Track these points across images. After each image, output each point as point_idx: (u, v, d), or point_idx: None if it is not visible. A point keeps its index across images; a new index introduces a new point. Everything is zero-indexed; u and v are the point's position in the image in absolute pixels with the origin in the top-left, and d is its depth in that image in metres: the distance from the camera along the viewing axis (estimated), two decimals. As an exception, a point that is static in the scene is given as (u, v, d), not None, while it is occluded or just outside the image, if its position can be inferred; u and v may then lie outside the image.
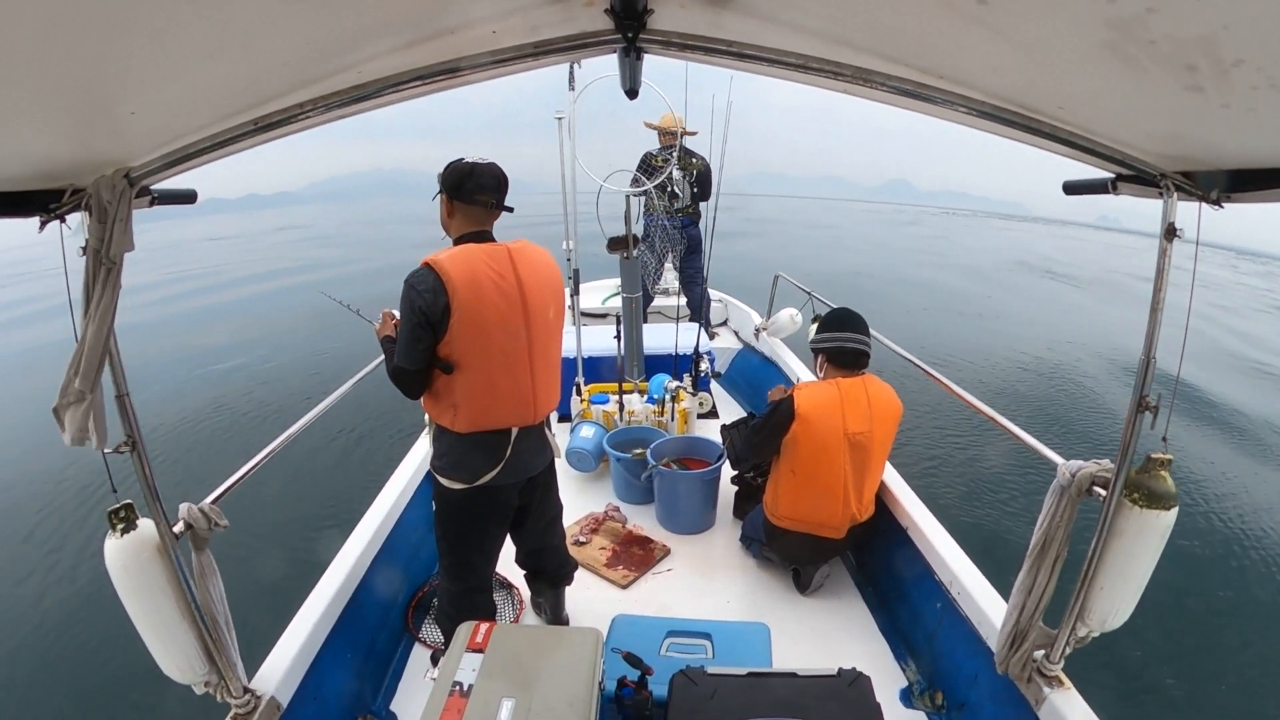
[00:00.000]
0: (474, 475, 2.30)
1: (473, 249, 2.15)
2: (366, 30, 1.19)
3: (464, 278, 2.06)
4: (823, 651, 2.81)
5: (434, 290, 2.04)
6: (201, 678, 1.85)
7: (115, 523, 1.64)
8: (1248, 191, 1.30)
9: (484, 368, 2.17)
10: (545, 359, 2.34)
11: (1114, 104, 1.20)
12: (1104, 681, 3.43)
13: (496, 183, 2.20)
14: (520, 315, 2.19)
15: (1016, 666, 2.08)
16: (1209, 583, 4.66)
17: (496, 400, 2.25)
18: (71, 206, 1.34)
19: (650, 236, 6.06)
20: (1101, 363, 10.32)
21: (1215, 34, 0.80)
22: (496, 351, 2.17)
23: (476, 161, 2.18)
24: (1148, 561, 1.80)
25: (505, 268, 2.16)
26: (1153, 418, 1.65)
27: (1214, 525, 5.45)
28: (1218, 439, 7.43)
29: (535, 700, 1.80)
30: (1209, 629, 4.21)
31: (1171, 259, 1.55)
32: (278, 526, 5.05)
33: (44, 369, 10.14)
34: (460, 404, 2.20)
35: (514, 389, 2.26)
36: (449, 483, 2.32)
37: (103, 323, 1.35)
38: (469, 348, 2.13)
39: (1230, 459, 6.88)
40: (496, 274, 2.13)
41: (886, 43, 1.27)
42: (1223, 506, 5.79)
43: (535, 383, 2.31)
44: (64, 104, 1.02)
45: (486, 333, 2.13)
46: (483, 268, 2.11)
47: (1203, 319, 14.14)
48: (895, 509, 3.16)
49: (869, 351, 3.04)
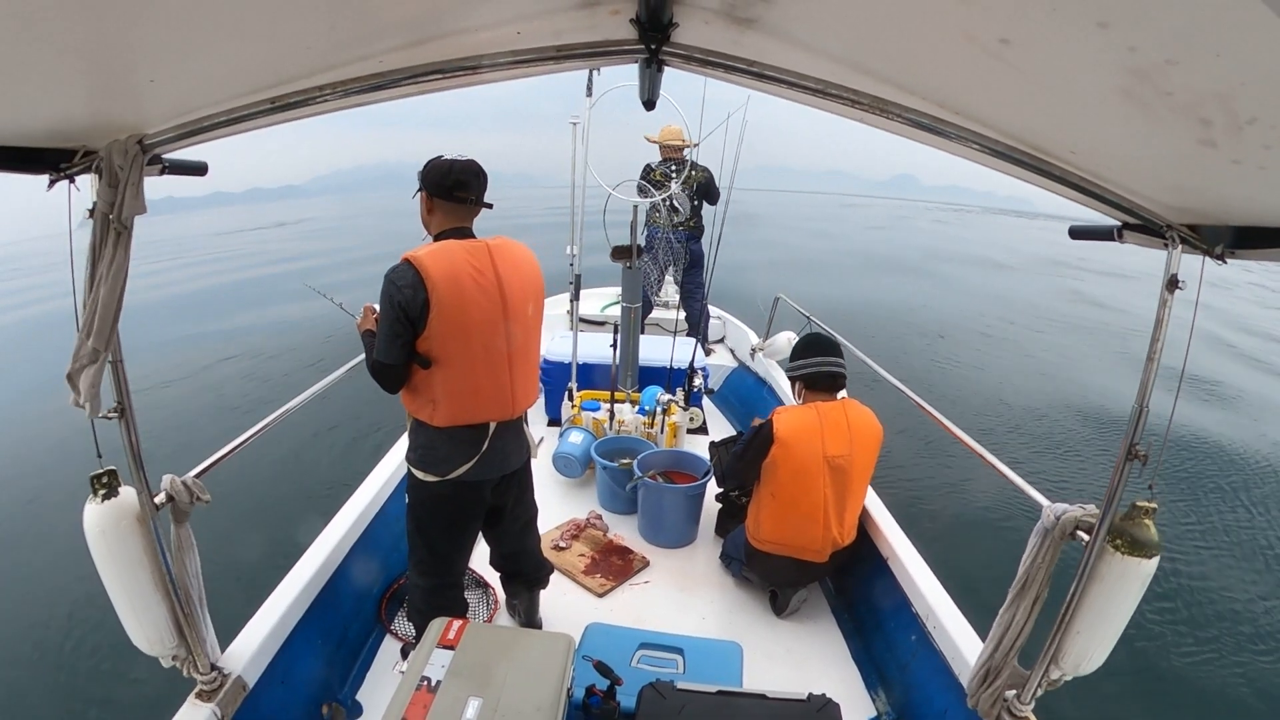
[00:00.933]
0: (450, 468, 2.29)
1: (453, 245, 2.16)
2: (392, 22, 1.19)
3: (444, 274, 2.07)
4: (794, 675, 2.81)
5: (413, 286, 2.05)
6: (170, 651, 1.85)
7: (97, 488, 1.63)
8: (1253, 249, 1.31)
9: (463, 363, 2.18)
10: (524, 355, 2.35)
11: (1126, 152, 1.21)
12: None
13: (476, 180, 2.21)
14: (500, 311, 2.20)
15: (987, 703, 2.07)
16: (1186, 633, 4.66)
17: (476, 395, 2.26)
18: (82, 168, 1.34)
19: (654, 248, 6.07)
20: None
21: (1232, 90, 0.80)
22: (476, 347, 2.19)
23: (455, 159, 2.19)
24: (1126, 608, 1.80)
25: (485, 264, 2.17)
26: (1142, 466, 1.65)
27: (1194, 575, 5.46)
28: (1204, 485, 7.43)
29: (502, 701, 1.80)
30: (1183, 680, 4.20)
31: (1171, 310, 1.56)
32: (259, 507, 5.04)
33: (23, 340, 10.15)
34: (440, 399, 2.21)
35: (493, 384, 2.28)
36: (424, 475, 2.31)
37: (115, 282, 1.36)
38: (449, 343, 2.13)
39: (1214, 507, 6.89)
40: (476, 270, 2.14)
41: (906, 74, 1.28)
42: (1204, 555, 5.80)
43: (514, 378, 2.32)
44: (85, 65, 1.03)
45: (466, 328, 2.14)
46: (463, 264, 2.12)
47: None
48: (876, 537, 3.16)
49: (844, 373, 3.09)
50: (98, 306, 1.35)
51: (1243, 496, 6.95)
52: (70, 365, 1.37)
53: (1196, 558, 5.69)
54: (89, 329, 1.35)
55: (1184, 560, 5.57)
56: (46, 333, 10.84)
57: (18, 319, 12.60)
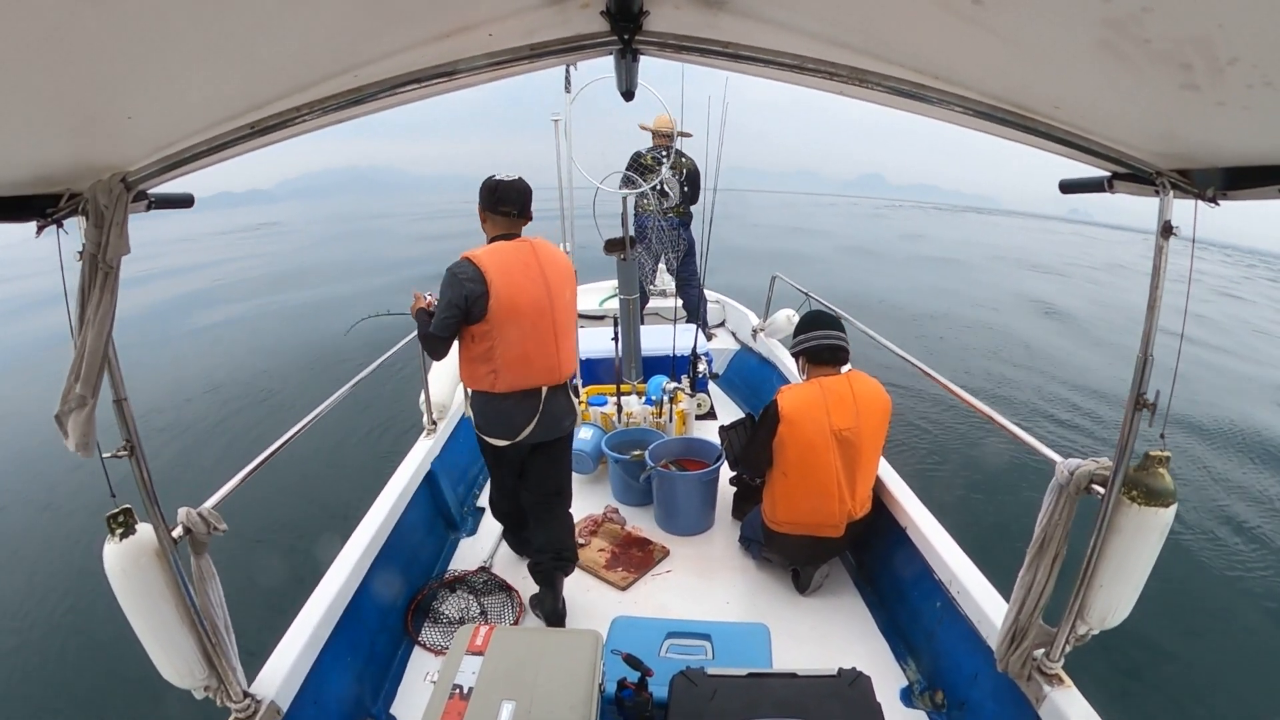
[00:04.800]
0: (515, 432, 2.79)
1: (503, 245, 2.68)
2: (363, 34, 1.18)
3: (498, 267, 2.59)
4: (822, 651, 2.82)
5: (473, 279, 2.55)
6: (201, 682, 1.85)
7: (114, 528, 1.64)
8: (1243, 189, 1.30)
9: (518, 336, 2.66)
10: (566, 330, 2.86)
11: (1109, 103, 1.20)
12: (1104, 679, 3.43)
13: (519, 195, 2.71)
14: (545, 294, 2.71)
15: (1016, 665, 2.08)
16: (1208, 579, 4.67)
17: (529, 364, 2.73)
18: (69, 211, 1.33)
19: (647, 237, 6.05)
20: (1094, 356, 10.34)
21: (1210, 33, 0.80)
22: (527, 324, 2.67)
23: (503, 179, 2.69)
24: (1147, 559, 1.80)
25: (530, 258, 2.70)
26: (1150, 415, 1.65)
27: (1213, 521, 5.46)
28: (1216, 433, 7.43)
29: (535, 702, 1.81)
30: (1209, 625, 4.21)
31: (1168, 256, 1.55)
32: (277, 530, 5.05)
33: (43, 368, 10.15)
34: (500, 368, 2.68)
35: (542, 355, 2.76)
36: (496, 441, 2.82)
37: (101, 327, 1.35)
38: (505, 321, 2.61)
39: (1229, 453, 6.89)
40: (524, 264, 2.66)
41: (882, 43, 1.27)
42: (1221, 502, 5.80)
43: (559, 349, 2.82)
44: (61, 109, 1.02)
45: (519, 308, 2.63)
46: (513, 259, 2.65)
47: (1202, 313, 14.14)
48: (894, 508, 3.17)
49: (847, 346, 3.09)
50: (85, 353, 1.35)
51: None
52: (59, 406, 1.36)
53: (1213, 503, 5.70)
54: (77, 373, 1.35)
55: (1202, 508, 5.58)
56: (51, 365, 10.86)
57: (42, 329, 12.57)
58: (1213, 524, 5.44)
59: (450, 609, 3.10)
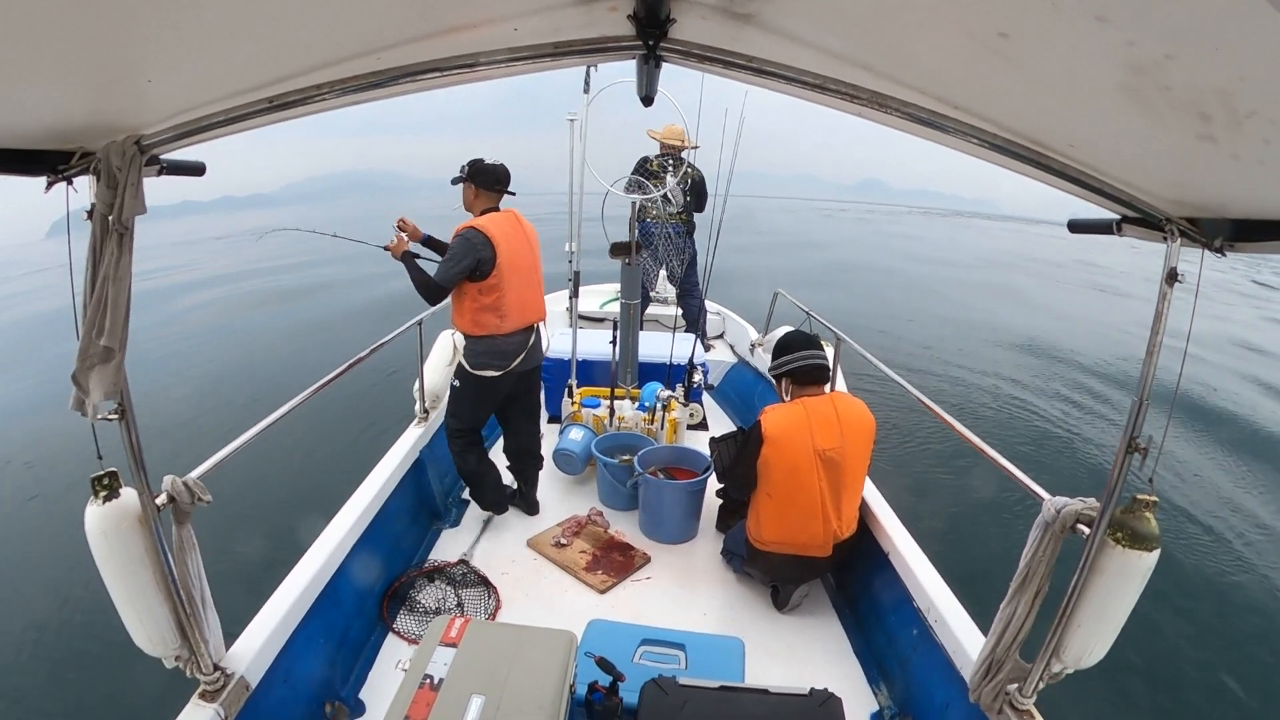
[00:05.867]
0: (509, 361, 3.43)
1: (496, 216, 3.30)
2: (389, 18, 1.19)
3: (501, 233, 3.23)
4: (796, 670, 2.81)
5: (484, 244, 3.16)
6: (173, 651, 1.85)
7: (98, 490, 1.63)
8: (1252, 241, 1.31)
9: (516, 284, 3.32)
10: (540, 279, 3.57)
11: (1125, 146, 1.21)
12: (1075, 718, 3.44)
13: (508, 176, 3.36)
14: (530, 253, 3.44)
15: (989, 697, 2.07)
16: (1187, 625, 4.67)
17: (525, 305, 3.42)
18: (80, 169, 1.33)
19: (652, 243, 6.05)
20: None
21: (1231, 85, 0.80)
22: (522, 276, 3.36)
23: (494, 163, 3.32)
24: (1127, 601, 1.80)
25: (517, 226, 3.38)
26: (1141, 460, 1.65)
27: (1195, 566, 5.46)
28: (1205, 477, 7.44)
29: (505, 699, 1.80)
30: (1184, 672, 4.21)
31: (1170, 303, 1.56)
32: (261, 507, 5.04)
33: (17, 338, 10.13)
34: (506, 313, 3.32)
35: (534, 299, 3.50)
36: (485, 373, 3.40)
37: (123, 282, 1.36)
38: (508, 273, 3.25)
39: (1215, 496, 6.90)
40: (513, 229, 3.33)
41: (905, 69, 1.27)
42: (1205, 545, 5.81)
43: (539, 292, 3.55)
44: (83, 65, 1.02)
45: (516, 263, 3.29)
46: (507, 226, 3.30)
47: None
48: (877, 532, 3.17)
49: (827, 365, 3.12)
50: (108, 306, 1.35)
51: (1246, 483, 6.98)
52: (76, 365, 1.37)
53: (1198, 548, 5.71)
54: (99, 327, 1.35)
55: (1184, 552, 5.58)
56: (35, 335, 10.83)
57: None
58: (1194, 566, 5.44)
59: (427, 598, 3.10)
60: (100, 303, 1.36)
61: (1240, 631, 4.68)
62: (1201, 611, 4.85)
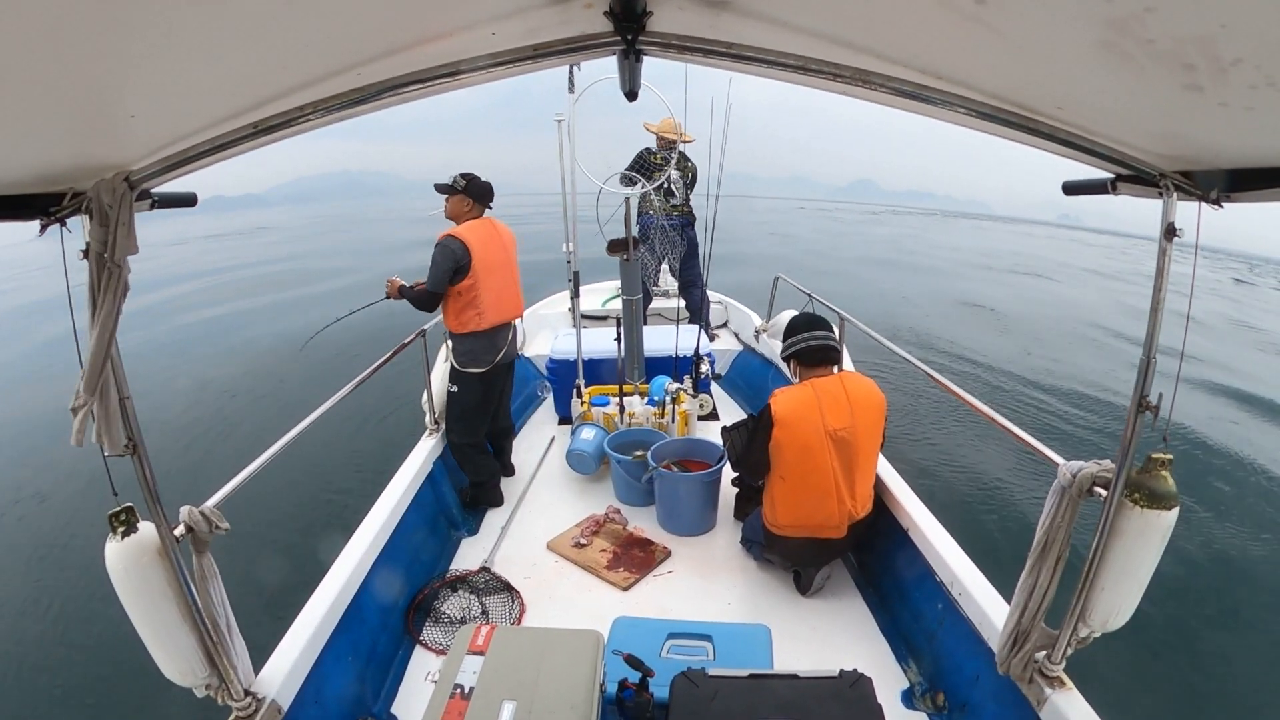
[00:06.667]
0: (495, 354, 3.80)
1: (473, 224, 3.66)
2: (366, 32, 1.18)
3: (475, 239, 3.58)
4: (824, 653, 2.81)
5: (461, 249, 3.52)
6: (202, 680, 1.85)
7: (116, 526, 1.64)
8: (1247, 191, 1.30)
9: (492, 283, 3.67)
10: (518, 280, 3.92)
11: (1112, 103, 1.20)
12: (1106, 682, 3.42)
13: (493, 192, 3.78)
14: (505, 253, 3.80)
15: (1018, 667, 2.07)
16: (1211, 582, 4.65)
17: (501, 303, 3.77)
18: (71, 210, 1.33)
19: (650, 238, 6.05)
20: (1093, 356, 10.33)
21: (1213, 33, 0.80)
22: (497, 275, 3.70)
23: (485, 181, 3.71)
24: (1149, 561, 1.79)
25: (493, 231, 3.74)
26: (1153, 417, 1.64)
27: (1216, 523, 5.44)
28: (1219, 434, 7.41)
29: (536, 702, 1.80)
30: (1211, 628, 4.20)
31: (1171, 258, 1.55)
32: (279, 530, 5.06)
33: (48, 368, 10.17)
34: (484, 310, 3.67)
35: (510, 296, 3.85)
36: (477, 370, 3.76)
37: (104, 328, 1.35)
38: (486, 276, 3.62)
39: (1232, 456, 6.87)
40: (488, 234, 3.69)
41: (885, 43, 1.27)
42: (1224, 504, 5.79)
43: (516, 291, 3.91)
44: (64, 107, 1.02)
45: (491, 264, 3.66)
46: (482, 232, 3.65)
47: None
48: (895, 509, 3.16)
49: (836, 346, 3.11)
50: (107, 355, 1.35)
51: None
52: (73, 400, 1.37)
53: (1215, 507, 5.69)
54: (84, 372, 1.35)
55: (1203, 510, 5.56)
56: (54, 364, 10.87)
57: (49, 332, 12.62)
58: (1214, 524, 5.42)
59: (451, 608, 3.11)
60: (104, 350, 1.36)
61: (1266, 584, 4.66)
62: (1224, 567, 4.83)
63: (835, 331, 3.24)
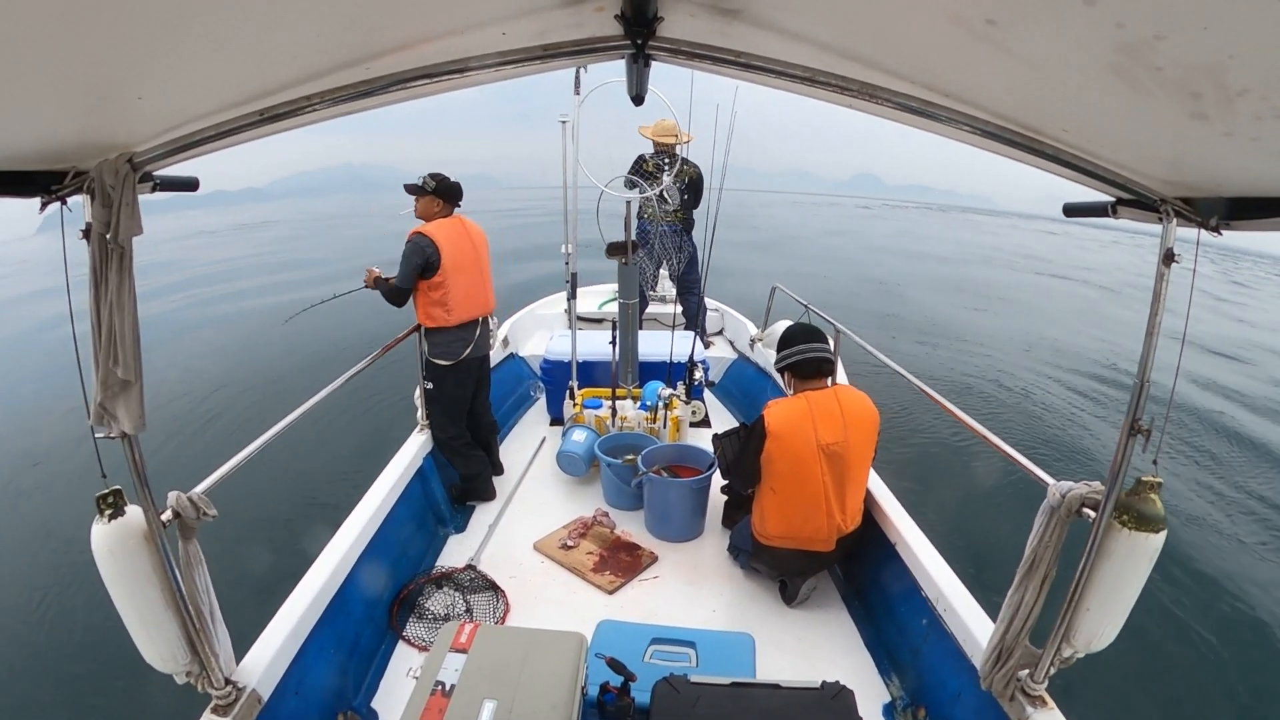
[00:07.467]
0: (463, 349, 3.83)
1: (443, 222, 3.71)
2: (377, 26, 1.18)
3: (445, 236, 3.63)
4: (807, 664, 2.81)
5: (430, 246, 3.56)
6: (183, 667, 1.84)
7: (103, 508, 1.63)
8: (1247, 219, 1.31)
9: (460, 280, 3.70)
10: (489, 278, 3.96)
11: (1118, 128, 1.20)
12: (1087, 702, 3.44)
13: (462, 191, 3.85)
14: (474, 251, 3.80)
15: (1000, 684, 2.08)
16: (1195, 606, 4.67)
17: (470, 300, 3.80)
18: (73, 189, 1.33)
19: (649, 243, 6.05)
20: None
21: (1222, 63, 0.80)
22: (465, 275, 3.73)
23: (455, 181, 3.77)
24: (1135, 584, 1.80)
25: (462, 229, 3.77)
26: (1144, 441, 1.65)
27: (1203, 547, 5.46)
28: (1209, 459, 7.44)
29: (517, 702, 1.80)
30: (1195, 652, 4.21)
31: (1169, 283, 1.55)
32: (266, 519, 5.03)
33: (31, 349, 10.11)
34: (452, 306, 3.71)
35: (479, 293, 3.87)
36: (445, 362, 3.81)
37: (124, 307, 1.36)
38: (454, 273, 3.65)
39: (1220, 480, 6.90)
40: (458, 233, 3.72)
41: (894, 58, 1.27)
42: (1212, 528, 5.81)
43: (487, 290, 3.94)
44: (72, 85, 1.02)
45: (460, 261, 3.69)
46: (452, 231, 3.69)
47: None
48: (884, 523, 3.17)
49: (831, 359, 3.12)
50: (115, 335, 1.35)
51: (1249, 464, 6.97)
52: (100, 395, 1.37)
53: (1203, 529, 5.71)
54: (113, 356, 1.35)
55: (1189, 533, 5.58)
56: (37, 348, 10.82)
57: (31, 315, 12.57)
58: (1200, 548, 5.44)
59: (436, 605, 3.10)
60: (110, 332, 1.36)
61: (1249, 610, 4.68)
62: (1211, 590, 4.85)
63: (830, 343, 3.25)
